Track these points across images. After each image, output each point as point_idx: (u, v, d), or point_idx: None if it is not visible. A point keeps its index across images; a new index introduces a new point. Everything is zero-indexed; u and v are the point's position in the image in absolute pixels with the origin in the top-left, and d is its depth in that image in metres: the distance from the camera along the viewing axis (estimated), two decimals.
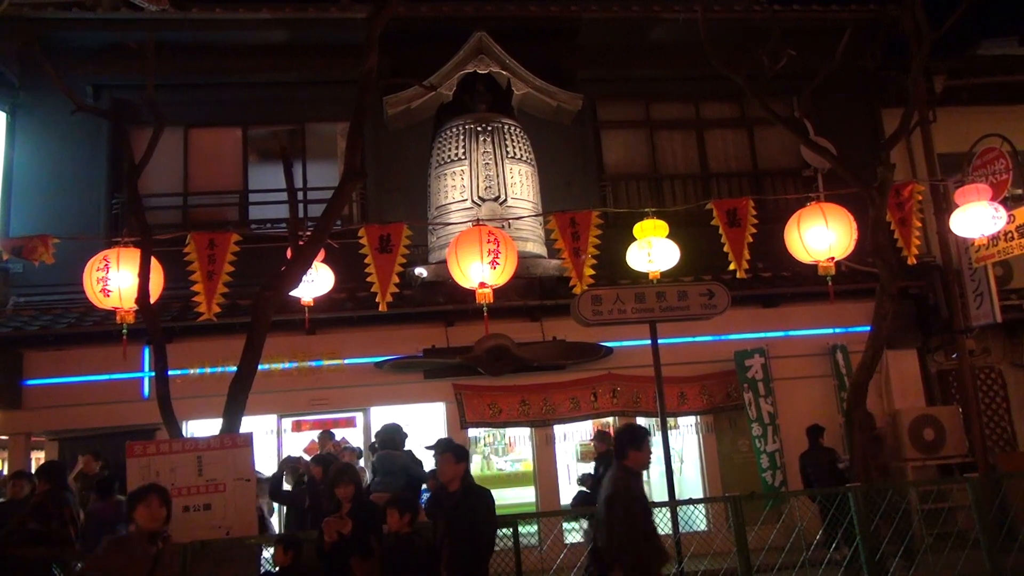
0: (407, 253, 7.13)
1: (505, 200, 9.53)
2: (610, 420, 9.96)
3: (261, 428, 9.09)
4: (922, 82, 8.76)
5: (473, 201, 9.48)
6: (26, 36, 9.20)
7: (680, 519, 6.32)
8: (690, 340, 9.24)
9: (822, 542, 7.48)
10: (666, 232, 7.62)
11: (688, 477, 10.02)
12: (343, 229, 7.97)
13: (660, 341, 6.75)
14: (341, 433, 9.27)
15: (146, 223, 6.48)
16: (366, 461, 8.58)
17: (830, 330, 10.11)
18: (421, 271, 9.34)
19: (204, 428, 8.56)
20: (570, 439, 9.92)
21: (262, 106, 10.56)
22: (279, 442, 9.60)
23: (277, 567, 5.24)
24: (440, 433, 9.36)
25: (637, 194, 10.80)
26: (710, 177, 11.10)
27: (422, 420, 9.82)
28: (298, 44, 10.23)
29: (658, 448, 8.97)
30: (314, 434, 9.16)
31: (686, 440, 10.21)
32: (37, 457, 9.87)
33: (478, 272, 6.67)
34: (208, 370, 9.17)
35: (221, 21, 10.13)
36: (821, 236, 6.78)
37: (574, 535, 8.47)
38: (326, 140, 10.76)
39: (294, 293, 6.66)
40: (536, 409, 9.54)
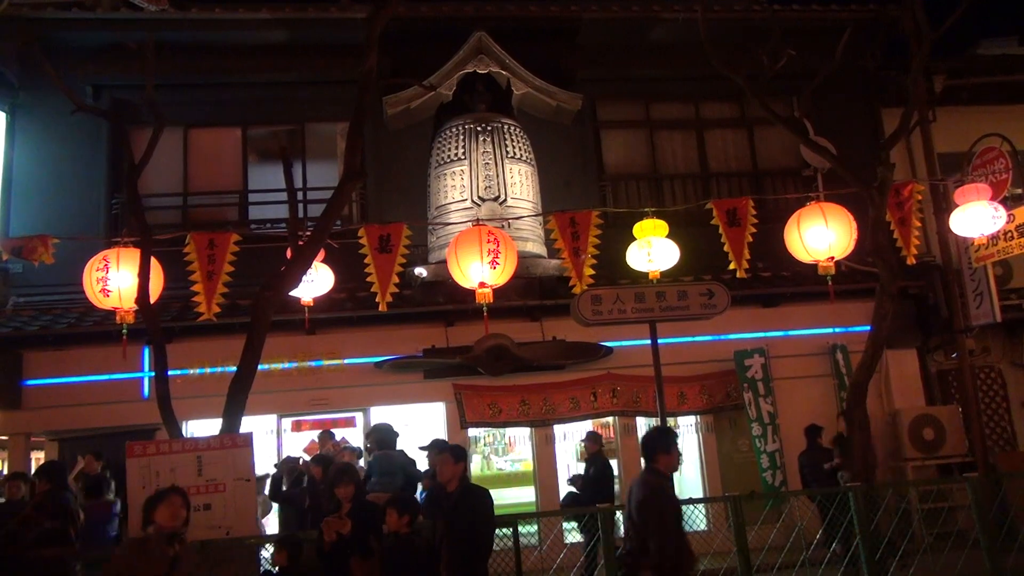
0: (407, 253, 7.11)
1: (505, 200, 9.53)
2: (610, 420, 9.97)
3: (261, 428, 9.07)
4: (922, 82, 8.76)
5: (473, 201, 9.48)
6: (26, 36, 9.21)
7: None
8: (690, 340, 9.24)
9: (822, 541, 7.49)
10: (666, 232, 7.61)
11: (688, 477, 10.01)
12: (343, 229, 7.97)
13: (660, 341, 6.75)
14: (341, 433, 9.26)
15: (146, 223, 6.47)
16: (365, 461, 8.57)
17: (830, 330, 10.12)
18: (421, 271, 9.34)
19: (204, 428, 8.56)
20: (570, 439, 9.91)
21: (262, 106, 10.56)
22: (279, 442, 9.60)
23: (276, 568, 5.24)
24: (440, 433, 9.37)
25: (637, 194, 10.80)
26: (710, 177, 11.10)
27: (422, 420, 9.83)
28: (298, 44, 10.22)
29: None
30: (314, 434, 9.15)
31: (686, 440, 10.17)
32: (37, 457, 9.88)
33: (478, 272, 6.66)
34: (208, 370, 9.17)
35: (221, 21, 10.13)
36: (821, 236, 6.77)
37: (574, 535, 8.46)
38: (326, 140, 10.75)
39: (294, 293, 6.66)
40: (536, 409, 9.54)
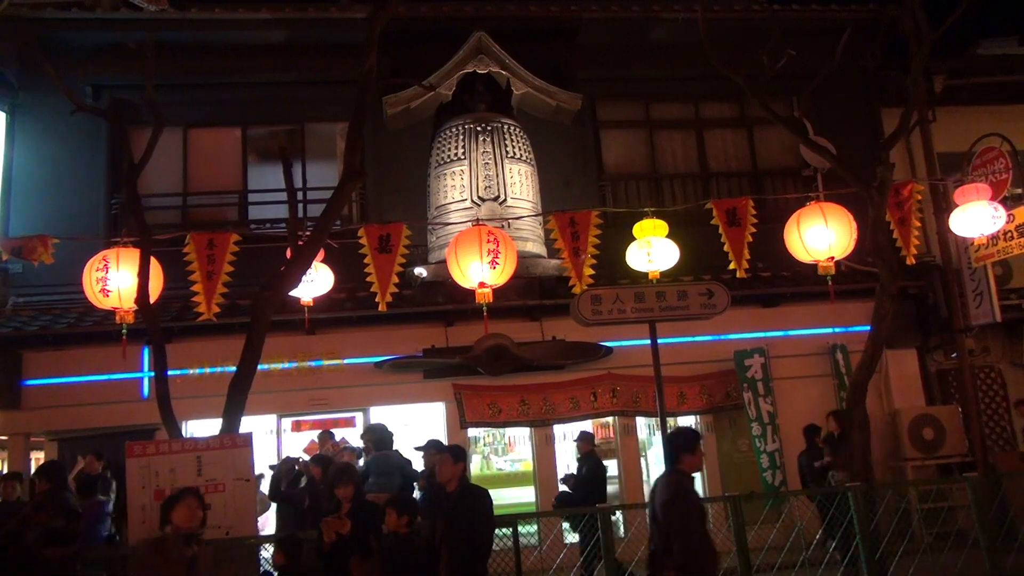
0: (407, 253, 7.12)
1: (505, 200, 9.53)
2: (610, 420, 9.97)
3: (261, 428, 9.08)
4: (922, 82, 8.75)
5: (473, 201, 9.47)
6: (26, 36, 9.21)
7: None
8: (690, 340, 9.23)
9: (821, 541, 7.50)
10: (666, 232, 7.61)
11: None
12: (343, 229, 7.97)
13: (660, 341, 6.74)
14: (341, 433, 9.26)
15: (145, 223, 6.48)
16: (363, 461, 8.57)
17: (830, 330, 10.11)
18: (421, 271, 9.34)
19: (204, 428, 8.56)
20: (570, 439, 9.87)
21: (261, 106, 10.55)
22: (279, 442, 9.60)
23: (276, 570, 5.23)
24: (440, 433, 9.37)
25: (637, 194, 10.80)
26: (710, 177, 11.10)
27: (422, 420, 9.83)
28: (298, 44, 10.22)
29: (658, 448, 9.03)
30: (314, 434, 9.15)
31: None
32: (37, 457, 9.86)
33: (478, 272, 6.66)
34: (208, 370, 9.17)
35: (220, 21, 10.13)
36: (821, 236, 6.77)
37: (574, 535, 8.45)
38: (325, 140, 10.75)
39: (294, 293, 6.66)
40: (536, 409, 9.54)
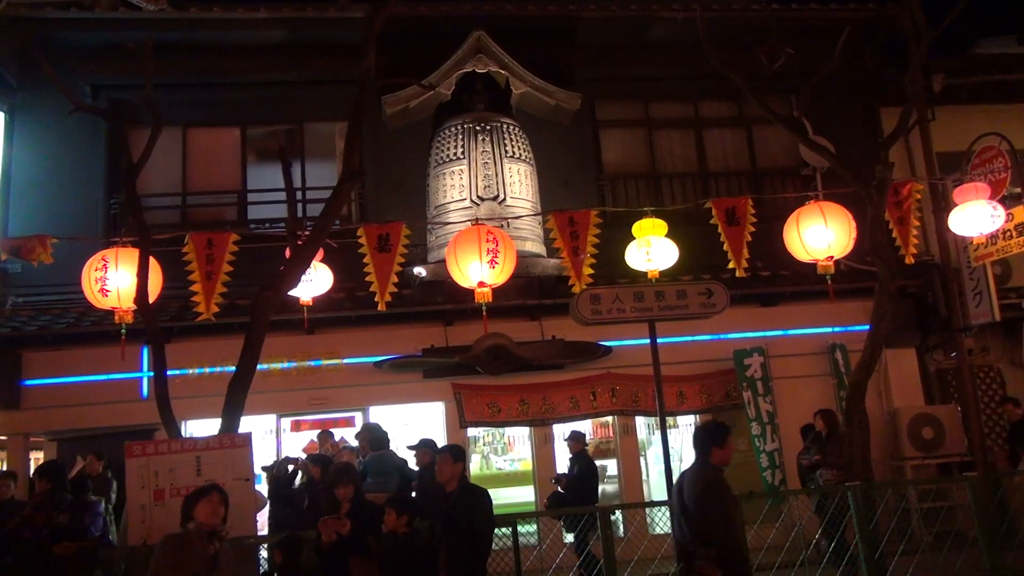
0: (406, 252, 7.10)
1: (504, 199, 9.53)
2: (609, 419, 9.97)
3: (260, 428, 9.08)
4: (921, 81, 8.74)
5: (472, 200, 9.47)
6: (24, 36, 9.20)
7: None
8: (689, 339, 9.24)
9: (819, 541, 7.48)
10: (665, 231, 7.60)
11: None
12: (342, 228, 7.96)
13: (659, 340, 6.74)
14: (340, 433, 9.26)
15: (144, 223, 6.47)
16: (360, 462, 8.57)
17: (829, 329, 10.11)
18: (420, 270, 9.34)
19: (203, 428, 8.57)
20: None
21: (260, 106, 10.55)
22: (278, 442, 9.60)
23: (275, 570, 5.23)
24: (439, 432, 9.38)
25: (636, 193, 10.80)
26: (709, 176, 11.10)
27: (421, 420, 9.83)
28: (296, 44, 10.21)
29: (657, 447, 9.02)
30: (313, 434, 9.16)
31: (685, 439, 10.20)
32: (36, 457, 9.86)
33: (477, 271, 6.65)
34: (207, 370, 9.17)
35: (219, 21, 10.10)
36: (820, 235, 6.76)
37: (571, 535, 8.46)
38: (324, 140, 10.75)
39: (293, 293, 6.65)
40: (535, 408, 9.54)
